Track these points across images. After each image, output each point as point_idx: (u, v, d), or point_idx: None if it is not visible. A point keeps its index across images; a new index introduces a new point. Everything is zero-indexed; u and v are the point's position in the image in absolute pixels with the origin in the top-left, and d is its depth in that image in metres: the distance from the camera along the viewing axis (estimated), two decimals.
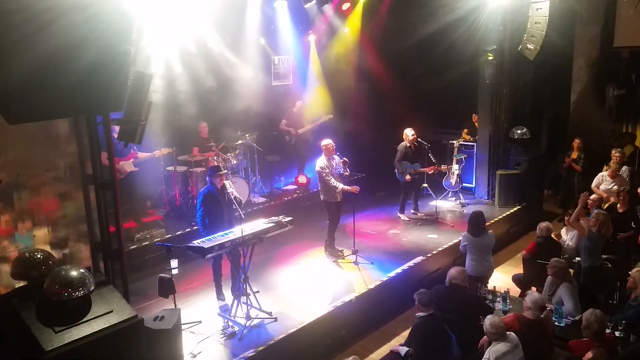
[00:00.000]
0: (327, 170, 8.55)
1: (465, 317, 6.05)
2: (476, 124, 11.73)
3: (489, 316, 5.50)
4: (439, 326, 5.71)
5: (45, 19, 4.16)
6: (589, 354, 5.01)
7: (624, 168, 9.93)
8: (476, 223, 7.46)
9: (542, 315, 5.72)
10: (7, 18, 4.02)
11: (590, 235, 7.23)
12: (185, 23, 9.67)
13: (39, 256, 4.79)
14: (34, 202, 5.27)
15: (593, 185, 9.80)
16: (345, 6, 12.06)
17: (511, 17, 10.59)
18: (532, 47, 9.91)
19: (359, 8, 12.55)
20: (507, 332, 5.36)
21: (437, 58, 12.19)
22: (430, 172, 10.49)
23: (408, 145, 10.28)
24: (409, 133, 10.27)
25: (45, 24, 4.17)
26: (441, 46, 11.85)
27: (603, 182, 9.72)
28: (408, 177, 10.21)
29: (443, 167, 10.92)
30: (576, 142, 11.00)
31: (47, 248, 5.24)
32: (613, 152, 9.84)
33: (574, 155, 10.93)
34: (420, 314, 5.73)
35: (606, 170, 9.76)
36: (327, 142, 8.71)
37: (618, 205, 8.62)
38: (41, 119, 4.92)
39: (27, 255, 4.81)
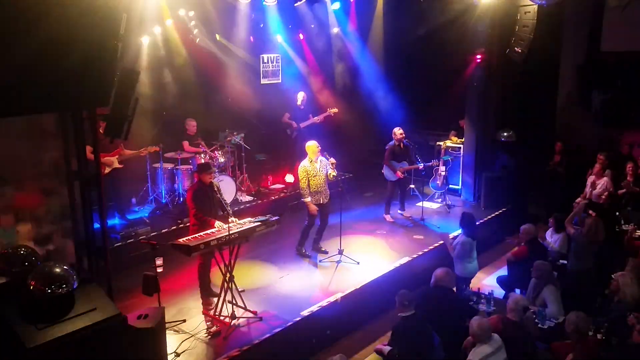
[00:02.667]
0: (305, 175, 8.49)
1: (450, 319, 6.07)
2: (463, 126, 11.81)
3: (476, 317, 5.51)
4: (421, 326, 5.69)
5: (33, 14, 4.13)
6: (570, 356, 5.06)
7: (607, 171, 10.03)
8: (473, 225, 7.54)
9: (524, 316, 5.75)
10: None
11: (578, 239, 7.32)
12: (174, 21, 9.64)
13: (22, 252, 4.75)
14: (17, 197, 5.21)
15: (586, 189, 9.88)
16: (336, 6, 12.06)
17: (500, 20, 10.66)
18: (520, 50, 9.99)
19: (349, 8, 12.56)
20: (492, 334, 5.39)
21: (425, 60, 12.24)
22: (421, 168, 10.46)
23: (397, 143, 10.30)
24: (397, 132, 10.30)
25: (33, 19, 4.14)
26: (430, 48, 11.90)
27: (593, 185, 9.84)
28: (399, 173, 10.21)
29: (434, 162, 10.93)
30: (558, 146, 11.12)
31: (31, 244, 5.18)
32: (599, 155, 9.97)
33: (557, 158, 11.03)
34: (402, 314, 5.71)
35: (592, 175, 9.90)
36: (311, 143, 8.62)
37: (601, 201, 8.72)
38: (27, 113, 4.87)
39: (10, 251, 4.77)
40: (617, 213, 9.03)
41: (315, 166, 8.54)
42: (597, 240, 7.40)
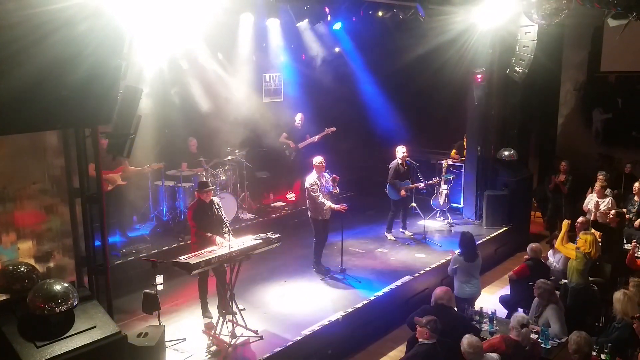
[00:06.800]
0: (316, 187, 8.57)
1: (451, 338, 6.00)
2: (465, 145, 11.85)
3: (467, 336, 5.41)
4: (439, 355, 5.62)
5: (39, 34, 4.18)
6: None
7: (607, 191, 10.04)
8: (469, 247, 7.47)
9: (522, 331, 5.68)
10: (1, 33, 4.02)
11: (578, 257, 7.30)
12: (178, 39, 9.71)
13: (22, 269, 4.74)
14: (19, 214, 5.21)
15: (585, 206, 9.87)
16: (337, 26, 12.16)
17: (500, 40, 10.72)
18: (520, 70, 10.04)
19: (350, 28, 12.64)
20: (487, 353, 5.33)
21: (427, 79, 12.29)
22: (422, 186, 10.52)
23: (400, 162, 10.31)
24: (400, 151, 10.32)
25: (39, 39, 4.19)
26: (432, 68, 11.95)
27: (592, 201, 9.83)
28: (403, 192, 10.21)
29: (435, 179, 10.96)
30: (562, 165, 11.15)
31: (32, 261, 5.17)
32: (598, 175, 10.00)
33: (561, 177, 11.05)
34: (425, 340, 5.57)
35: (593, 192, 9.90)
36: (318, 159, 8.74)
37: (608, 221, 8.70)
38: (30, 130, 4.90)
39: (11, 268, 4.76)
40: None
41: (322, 181, 8.64)
42: (594, 257, 7.35)
